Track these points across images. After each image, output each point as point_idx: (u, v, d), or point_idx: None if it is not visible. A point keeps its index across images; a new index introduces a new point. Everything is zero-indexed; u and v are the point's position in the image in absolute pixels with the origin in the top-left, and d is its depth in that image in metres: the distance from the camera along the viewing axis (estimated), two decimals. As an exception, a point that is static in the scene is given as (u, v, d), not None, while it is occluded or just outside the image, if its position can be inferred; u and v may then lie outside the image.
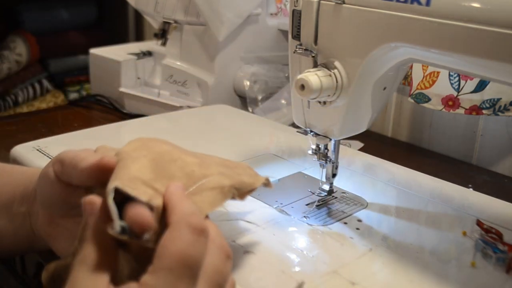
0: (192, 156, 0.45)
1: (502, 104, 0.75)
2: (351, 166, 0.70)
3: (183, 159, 0.44)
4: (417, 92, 0.82)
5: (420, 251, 0.52)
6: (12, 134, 0.91)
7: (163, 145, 0.45)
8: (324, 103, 0.54)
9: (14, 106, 1.45)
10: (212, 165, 0.45)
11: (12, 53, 1.43)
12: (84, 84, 1.57)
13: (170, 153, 0.44)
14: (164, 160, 0.43)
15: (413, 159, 0.90)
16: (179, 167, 0.43)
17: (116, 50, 1.13)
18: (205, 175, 0.43)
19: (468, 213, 0.59)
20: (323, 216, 0.57)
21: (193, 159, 0.44)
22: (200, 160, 0.45)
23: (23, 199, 0.50)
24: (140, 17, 1.57)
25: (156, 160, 0.42)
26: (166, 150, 0.44)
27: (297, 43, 0.55)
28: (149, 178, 0.40)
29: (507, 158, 0.84)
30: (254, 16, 1.01)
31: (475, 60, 0.44)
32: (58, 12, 1.55)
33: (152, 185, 0.40)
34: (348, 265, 0.48)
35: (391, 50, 0.49)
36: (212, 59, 1.00)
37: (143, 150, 0.43)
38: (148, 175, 0.40)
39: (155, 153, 0.43)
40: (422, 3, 0.45)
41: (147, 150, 0.43)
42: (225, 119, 0.91)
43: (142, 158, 0.42)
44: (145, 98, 1.02)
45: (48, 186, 0.45)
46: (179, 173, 0.42)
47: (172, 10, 1.03)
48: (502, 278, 0.48)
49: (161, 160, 0.42)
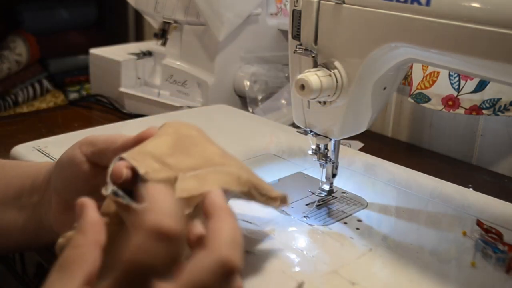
0: (216, 147, 0.45)
1: (502, 104, 0.75)
2: (351, 166, 0.70)
3: (206, 146, 0.44)
4: (417, 92, 0.82)
5: (420, 251, 0.52)
6: (12, 134, 0.91)
7: (191, 131, 0.45)
8: (324, 103, 0.54)
9: (14, 106, 1.45)
10: (234, 161, 0.45)
11: (12, 53, 1.43)
12: (84, 84, 1.57)
13: (195, 138, 0.44)
14: (186, 142, 0.43)
15: (413, 159, 0.90)
16: (199, 150, 0.43)
17: (116, 50, 1.13)
18: (223, 164, 0.43)
19: (468, 213, 0.59)
20: (323, 216, 0.57)
21: (216, 149, 0.44)
22: (223, 152, 0.45)
23: (33, 189, 0.50)
24: (140, 17, 1.57)
25: (178, 141, 0.42)
26: (192, 135, 0.44)
27: (297, 43, 0.55)
28: (164, 153, 0.40)
29: (507, 158, 0.84)
30: (254, 16, 1.01)
31: (475, 60, 0.44)
32: (58, 12, 1.55)
33: (164, 160, 0.40)
34: (348, 265, 0.48)
35: (391, 50, 0.49)
36: (212, 59, 1.00)
37: (170, 128, 0.44)
38: (164, 150, 0.41)
39: (180, 134, 0.43)
40: (422, 3, 0.45)
41: (174, 130, 0.44)
42: (225, 119, 0.91)
43: (165, 135, 0.42)
44: (145, 98, 1.02)
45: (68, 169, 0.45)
46: (197, 155, 0.42)
47: (172, 10, 1.03)
48: (502, 278, 0.48)
49: (184, 142, 0.43)
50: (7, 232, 0.51)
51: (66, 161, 0.46)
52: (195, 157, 0.42)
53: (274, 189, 0.47)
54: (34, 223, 0.50)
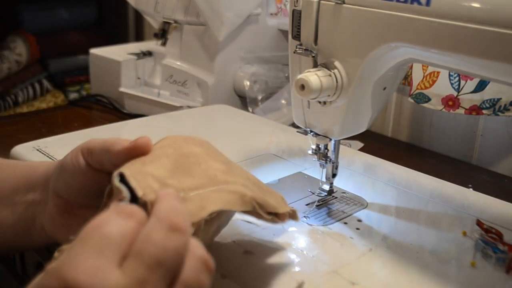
0: (220, 163, 0.44)
1: (502, 104, 0.75)
2: (351, 166, 0.70)
3: (209, 164, 0.43)
4: (417, 92, 0.82)
5: (420, 251, 0.52)
6: (12, 134, 0.91)
7: (193, 147, 0.44)
8: (324, 103, 0.54)
9: (14, 106, 1.45)
10: (239, 176, 0.44)
11: (12, 53, 1.43)
12: (84, 84, 1.57)
13: (197, 156, 0.43)
14: (187, 162, 0.42)
15: (413, 159, 0.90)
16: (202, 169, 0.42)
17: (116, 50, 1.13)
18: (227, 182, 0.42)
19: (468, 213, 0.59)
20: (323, 216, 0.57)
21: (220, 165, 0.43)
22: (227, 168, 0.44)
23: (28, 188, 0.50)
24: (140, 17, 1.57)
25: (178, 161, 0.42)
26: (194, 153, 0.43)
27: (297, 43, 0.55)
28: (163, 175, 0.40)
29: (507, 158, 0.84)
30: (254, 16, 1.01)
31: (475, 60, 0.44)
32: (58, 12, 1.55)
33: (164, 181, 0.39)
34: (348, 265, 0.48)
35: (391, 50, 0.49)
36: (212, 59, 1.00)
37: (170, 148, 0.43)
38: (162, 173, 0.40)
39: (180, 154, 0.42)
40: (422, 3, 0.45)
41: (174, 149, 0.43)
42: (225, 119, 0.91)
43: (164, 158, 0.41)
44: (145, 98, 1.02)
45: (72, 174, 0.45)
46: (200, 175, 0.41)
47: (172, 10, 1.03)
48: (502, 278, 0.48)
49: (185, 161, 0.42)
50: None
51: (68, 164, 0.46)
52: (197, 177, 0.41)
53: (283, 205, 0.46)
54: (26, 222, 0.50)
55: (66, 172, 0.46)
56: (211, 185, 0.41)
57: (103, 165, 0.44)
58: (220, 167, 0.43)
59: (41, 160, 0.67)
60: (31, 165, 0.53)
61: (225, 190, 0.41)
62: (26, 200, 0.50)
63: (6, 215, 0.50)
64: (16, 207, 0.50)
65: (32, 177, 0.50)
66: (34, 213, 0.50)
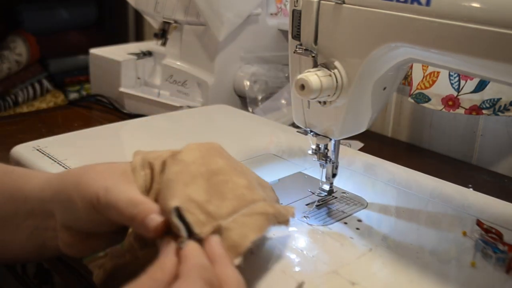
0: (241, 176, 0.47)
1: (502, 104, 0.75)
2: (351, 166, 0.70)
3: (234, 181, 0.46)
4: (417, 92, 0.82)
5: (420, 251, 0.52)
6: (12, 134, 0.91)
7: (218, 160, 0.47)
8: (324, 103, 0.54)
9: (14, 106, 1.45)
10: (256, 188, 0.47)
11: (12, 53, 1.43)
12: (84, 84, 1.57)
13: (224, 173, 0.46)
14: (217, 180, 0.45)
15: (413, 159, 0.90)
16: (230, 189, 0.45)
17: (116, 50, 1.13)
18: (254, 200, 0.45)
19: (468, 213, 0.59)
20: (323, 216, 0.57)
21: (242, 180, 0.46)
22: (248, 182, 0.47)
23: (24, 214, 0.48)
24: (140, 17, 1.57)
25: (210, 181, 0.44)
26: (220, 169, 0.46)
27: (297, 43, 0.55)
28: (204, 199, 0.43)
29: (507, 158, 0.84)
30: (254, 16, 1.01)
31: (475, 60, 0.44)
32: (58, 12, 1.55)
33: (206, 208, 0.42)
34: (348, 265, 0.48)
35: (391, 50, 0.49)
36: (212, 59, 1.00)
37: (202, 166, 0.45)
38: (202, 196, 0.43)
39: (211, 172, 0.45)
40: (422, 3, 0.45)
41: (205, 166, 0.45)
42: (225, 119, 0.91)
43: (199, 178, 0.44)
44: (145, 98, 1.02)
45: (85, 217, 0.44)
46: (230, 195, 0.44)
47: (172, 10, 1.03)
48: (502, 278, 0.48)
49: (216, 180, 0.45)
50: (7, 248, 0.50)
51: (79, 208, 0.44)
52: (228, 198, 0.44)
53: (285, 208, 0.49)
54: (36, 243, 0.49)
55: (78, 215, 0.44)
56: (242, 206, 0.44)
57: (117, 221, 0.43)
58: (243, 182, 0.46)
59: (41, 160, 0.67)
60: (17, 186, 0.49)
61: (255, 213, 0.44)
62: (28, 225, 0.48)
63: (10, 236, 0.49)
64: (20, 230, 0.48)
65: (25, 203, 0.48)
66: (44, 239, 0.48)
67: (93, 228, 0.45)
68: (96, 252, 0.46)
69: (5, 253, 0.51)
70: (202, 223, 0.41)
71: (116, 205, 0.42)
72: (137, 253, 0.44)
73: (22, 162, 0.68)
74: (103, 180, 0.44)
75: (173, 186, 0.43)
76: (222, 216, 0.43)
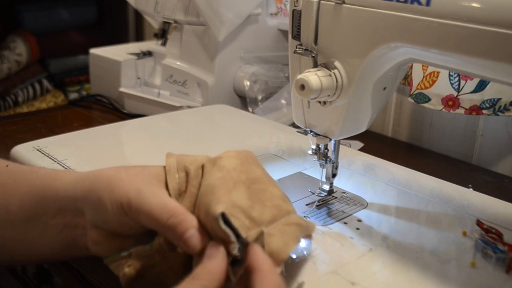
0: (276, 186, 0.48)
1: (502, 104, 0.75)
2: (351, 166, 0.70)
3: (271, 190, 0.46)
4: (417, 92, 0.82)
5: (420, 251, 0.52)
6: (12, 134, 0.91)
7: (256, 169, 0.48)
8: (324, 103, 0.54)
9: (14, 106, 1.45)
10: (288, 200, 0.48)
11: (12, 53, 1.43)
12: (84, 84, 1.57)
13: (261, 181, 0.47)
14: (257, 189, 0.45)
15: (413, 159, 0.90)
16: (268, 198, 0.45)
17: (116, 50, 1.13)
18: (289, 211, 0.46)
19: (468, 213, 0.59)
20: (323, 216, 0.57)
21: (278, 191, 0.47)
22: (282, 193, 0.48)
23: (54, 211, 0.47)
24: (140, 17, 1.57)
25: (251, 189, 0.45)
26: (258, 177, 0.47)
27: (297, 43, 0.55)
28: (247, 205, 0.43)
29: (507, 158, 0.84)
30: (254, 16, 1.01)
31: (475, 60, 0.44)
32: (58, 12, 1.55)
33: (250, 214, 0.42)
34: (348, 265, 0.48)
35: (391, 50, 0.49)
36: (212, 59, 1.00)
37: (242, 173, 0.46)
38: (245, 202, 0.43)
39: (251, 180, 0.46)
40: (422, 3, 0.45)
41: (245, 174, 0.46)
42: (225, 119, 0.91)
43: (241, 184, 0.44)
44: (145, 98, 1.02)
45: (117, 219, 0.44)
46: (269, 203, 0.45)
47: (172, 10, 1.03)
48: (502, 278, 0.48)
49: (255, 189, 0.45)
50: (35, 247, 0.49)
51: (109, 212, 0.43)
52: (268, 207, 0.44)
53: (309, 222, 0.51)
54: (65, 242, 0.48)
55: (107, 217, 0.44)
56: (280, 216, 0.45)
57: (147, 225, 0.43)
58: (279, 193, 0.47)
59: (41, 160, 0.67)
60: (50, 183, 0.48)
61: (292, 223, 0.45)
62: (56, 223, 0.47)
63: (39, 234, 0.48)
64: (48, 228, 0.48)
65: (56, 200, 0.47)
66: (73, 236, 0.47)
67: (122, 231, 0.45)
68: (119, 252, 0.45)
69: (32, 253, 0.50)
70: (247, 227, 0.41)
71: (148, 210, 0.42)
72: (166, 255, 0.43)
73: (22, 162, 0.68)
74: (134, 183, 0.43)
75: (216, 192, 0.42)
76: (264, 223, 0.43)
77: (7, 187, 0.50)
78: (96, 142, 0.76)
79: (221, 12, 0.94)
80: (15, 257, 0.52)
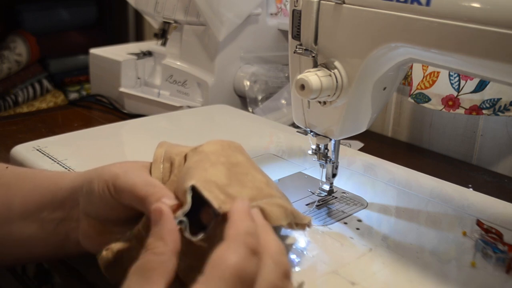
0: (260, 174, 0.47)
1: (502, 104, 0.75)
2: (351, 166, 0.70)
3: (253, 174, 0.46)
4: (417, 92, 0.82)
5: (420, 251, 0.52)
6: (12, 134, 0.91)
7: (238, 155, 0.47)
8: (324, 103, 0.54)
9: (14, 106, 1.45)
10: (275, 189, 0.48)
11: (12, 53, 1.43)
12: (84, 84, 1.57)
13: (243, 166, 0.46)
14: (237, 171, 0.45)
15: (413, 159, 0.90)
16: (250, 180, 0.45)
17: (116, 50, 1.13)
18: (271, 195, 0.45)
19: (468, 213, 0.59)
20: (323, 216, 0.57)
21: (261, 177, 0.47)
22: (266, 180, 0.47)
23: (54, 205, 0.49)
24: (140, 17, 1.57)
25: (231, 170, 0.44)
26: (240, 162, 0.46)
27: (297, 43, 0.55)
28: (224, 183, 0.42)
29: (507, 158, 0.84)
30: (254, 16, 1.01)
31: (475, 60, 0.44)
32: (58, 12, 1.55)
33: (226, 190, 0.42)
34: (348, 265, 0.48)
35: (391, 50, 0.49)
36: (212, 59, 1.00)
37: (222, 157, 0.45)
38: (223, 180, 0.43)
39: (231, 163, 0.45)
40: (422, 3, 0.45)
41: (225, 157, 0.45)
42: (225, 119, 0.91)
43: (220, 165, 0.44)
44: (145, 98, 1.02)
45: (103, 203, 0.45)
46: (250, 185, 0.44)
47: (172, 10, 1.03)
48: (502, 278, 0.48)
49: (235, 171, 0.45)
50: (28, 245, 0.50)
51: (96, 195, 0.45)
52: (248, 187, 0.44)
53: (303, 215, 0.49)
54: (59, 237, 0.49)
55: (94, 199, 0.45)
56: (261, 197, 0.44)
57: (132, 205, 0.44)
58: (262, 178, 0.46)
59: (41, 160, 0.67)
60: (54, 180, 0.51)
61: (274, 204, 0.44)
62: (54, 218, 0.49)
63: (35, 231, 0.49)
64: (45, 224, 0.49)
65: (57, 194, 0.49)
66: (66, 231, 0.49)
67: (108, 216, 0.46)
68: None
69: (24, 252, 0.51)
70: (222, 201, 0.41)
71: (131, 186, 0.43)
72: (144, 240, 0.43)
73: (22, 162, 0.68)
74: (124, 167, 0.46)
75: (192, 172, 0.43)
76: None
77: (10, 186, 0.51)
78: (96, 142, 0.76)
79: (221, 12, 0.94)
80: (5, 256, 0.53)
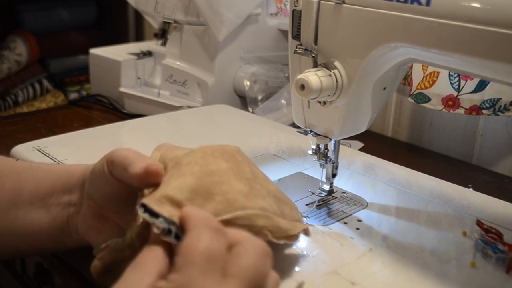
0: (243, 182, 0.45)
1: (502, 104, 0.75)
2: (351, 166, 0.70)
3: (232, 184, 0.44)
4: (417, 92, 0.82)
5: (420, 251, 0.52)
6: (12, 134, 0.91)
7: (221, 163, 0.45)
8: (324, 103, 0.54)
9: (14, 106, 1.45)
10: (259, 197, 0.45)
11: (12, 53, 1.43)
12: (84, 84, 1.57)
13: (222, 174, 0.44)
14: (210, 181, 0.43)
15: (413, 159, 0.90)
16: (222, 191, 0.43)
17: (116, 50, 1.13)
18: (244, 207, 0.43)
19: (468, 213, 0.59)
20: (323, 216, 0.57)
21: (242, 187, 0.44)
22: (249, 188, 0.45)
23: (64, 190, 0.50)
24: (140, 17, 1.57)
25: (202, 180, 0.43)
26: (220, 170, 0.44)
27: (297, 43, 0.55)
28: (185, 197, 0.41)
29: (507, 158, 0.84)
30: (254, 16, 1.01)
31: (475, 60, 0.44)
32: (58, 12, 1.55)
33: (184, 205, 0.41)
34: (348, 265, 0.48)
35: (391, 50, 0.49)
36: (212, 59, 1.00)
37: (196, 165, 0.44)
38: (184, 194, 0.41)
39: (206, 172, 0.44)
40: (422, 3, 0.45)
41: (200, 166, 0.44)
42: (225, 119, 0.91)
43: (189, 176, 0.43)
44: (145, 98, 1.02)
45: (102, 181, 0.46)
46: (219, 198, 0.43)
47: (172, 10, 1.03)
48: (502, 278, 0.48)
49: (207, 181, 0.43)
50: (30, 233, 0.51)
51: (96, 172, 0.46)
52: (215, 201, 0.42)
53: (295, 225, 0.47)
54: (60, 222, 0.50)
55: (96, 178, 0.46)
56: (230, 210, 0.42)
57: (123, 179, 0.45)
58: (242, 188, 0.44)
59: (41, 160, 0.67)
60: (68, 168, 0.53)
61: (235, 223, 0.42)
62: (61, 202, 0.50)
63: (41, 217, 0.50)
64: (51, 208, 0.50)
65: (70, 180, 0.50)
66: (68, 214, 0.50)
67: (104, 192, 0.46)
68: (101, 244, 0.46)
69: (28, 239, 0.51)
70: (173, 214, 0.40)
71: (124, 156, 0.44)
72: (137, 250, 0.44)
73: (22, 162, 0.68)
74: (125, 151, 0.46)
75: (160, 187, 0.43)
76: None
77: (21, 174, 0.53)
78: (96, 142, 0.76)
79: (221, 12, 0.94)
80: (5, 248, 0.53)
